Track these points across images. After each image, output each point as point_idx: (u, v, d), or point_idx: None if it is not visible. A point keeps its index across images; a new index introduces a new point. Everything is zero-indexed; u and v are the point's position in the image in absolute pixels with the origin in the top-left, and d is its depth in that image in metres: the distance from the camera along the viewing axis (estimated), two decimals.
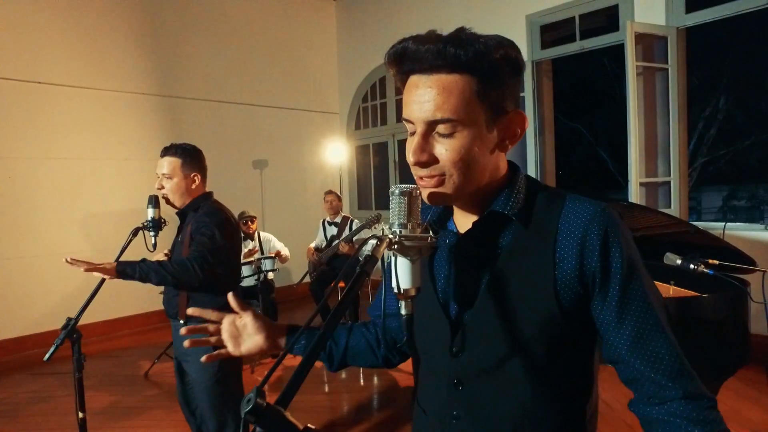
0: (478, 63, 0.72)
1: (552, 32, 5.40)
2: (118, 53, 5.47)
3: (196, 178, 2.05)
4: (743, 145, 12.76)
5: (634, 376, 0.75)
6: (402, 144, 7.02)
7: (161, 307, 6.12)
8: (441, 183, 0.75)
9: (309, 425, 0.53)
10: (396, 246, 0.69)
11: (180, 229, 2.13)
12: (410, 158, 0.75)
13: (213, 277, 1.95)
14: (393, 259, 0.70)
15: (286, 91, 6.99)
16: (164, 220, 2.07)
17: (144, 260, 1.92)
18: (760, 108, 12.64)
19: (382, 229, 0.71)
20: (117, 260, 1.93)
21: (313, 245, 4.85)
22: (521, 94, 4.69)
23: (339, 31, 7.67)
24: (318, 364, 3.52)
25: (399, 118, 6.98)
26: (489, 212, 0.80)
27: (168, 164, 2.02)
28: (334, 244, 4.65)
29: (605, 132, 14.44)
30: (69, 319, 1.84)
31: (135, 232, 2.00)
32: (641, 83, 4.28)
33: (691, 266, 2.11)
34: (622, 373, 0.77)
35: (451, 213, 0.88)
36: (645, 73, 4.33)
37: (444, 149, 0.74)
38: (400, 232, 0.69)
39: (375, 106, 7.32)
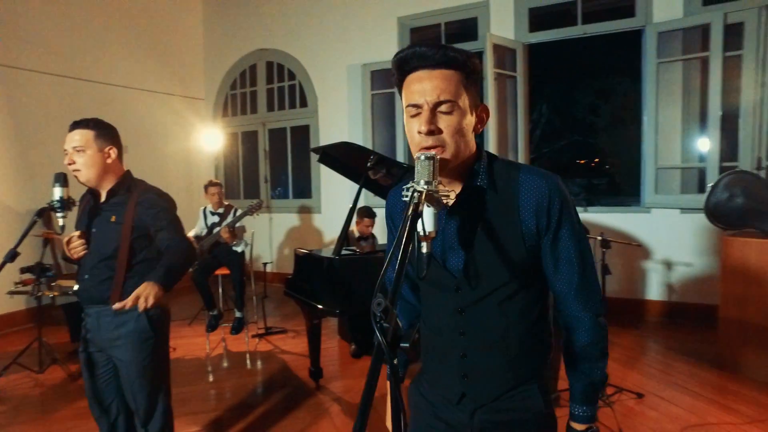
0: (466, 63, 1.00)
1: (420, 36, 5.91)
2: None
3: (111, 152, 1.92)
4: (559, 145, 15.39)
5: (557, 292, 1.10)
6: (273, 133, 7.00)
7: None
8: (442, 152, 1.00)
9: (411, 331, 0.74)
10: (426, 197, 0.89)
11: (94, 210, 1.97)
12: (423, 128, 0.98)
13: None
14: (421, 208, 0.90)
15: (146, 72, 6.46)
16: (73, 200, 1.91)
17: (167, 263, 1.85)
18: (572, 115, 15.37)
19: (413, 186, 0.91)
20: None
21: (192, 234, 4.65)
22: (392, 90, 5.08)
23: (205, 14, 7.31)
24: (201, 354, 3.54)
25: (270, 107, 6.94)
26: (471, 186, 1.07)
27: (80, 136, 1.87)
28: (215, 231, 4.52)
29: None
30: None
31: (40, 214, 1.81)
32: (495, 88, 4.98)
33: None
34: (553, 291, 1.12)
35: None
36: (498, 80, 5.05)
37: (445, 124, 0.99)
38: (427, 187, 0.90)
39: (244, 94, 7.16)
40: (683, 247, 4.64)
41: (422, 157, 0.92)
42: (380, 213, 4.81)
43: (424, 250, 0.93)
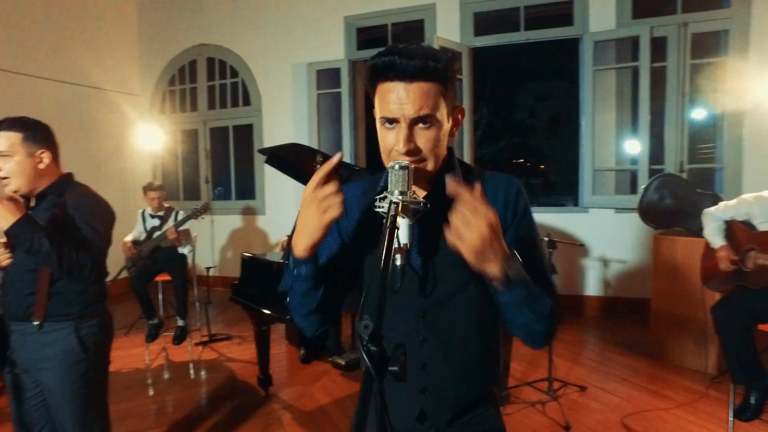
0: (446, 73, 0.96)
1: (366, 36, 5.89)
2: None
3: (43, 156, 1.73)
4: (499, 146, 15.95)
5: None
6: (214, 131, 6.75)
7: None
8: (422, 168, 0.98)
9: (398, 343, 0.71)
10: (401, 209, 0.87)
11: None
12: (401, 148, 0.94)
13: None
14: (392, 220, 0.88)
15: (76, 65, 6.00)
16: None
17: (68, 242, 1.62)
18: (512, 117, 16.00)
19: (386, 196, 0.88)
20: None
21: (129, 238, 4.36)
22: (338, 90, 5.04)
23: (140, 5, 6.90)
24: (140, 366, 3.30)
25: (211, 105, 6.67)
26: (443, 181, 1.03)
27: (5, 140, 1.66)
28: (155, 236, 4.27)
29: None
30: None
31: None
32: None
33: None
34: None
35: None
36: None
37: (424, 140, 0.96)
38: (402, 198, 0.88)
39: (184, 90, 6.84)
40: (618, 245, 4.92)
41: (396, 167, 0.89)
42: None
43: (398, 262, 0.91)
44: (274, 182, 6.23)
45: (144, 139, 6.27)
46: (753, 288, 2.66)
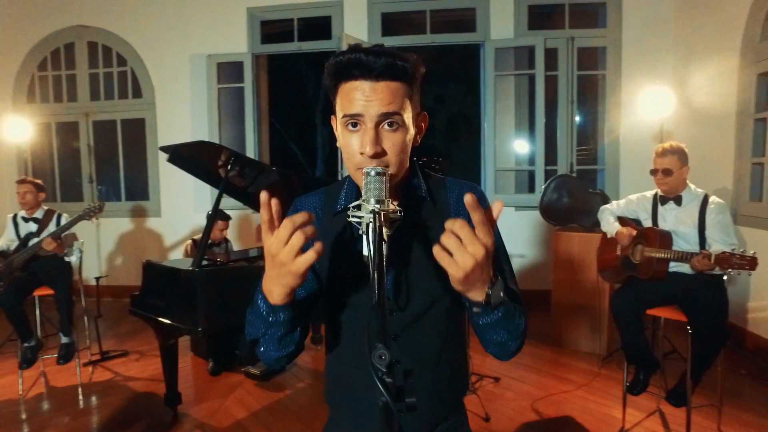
0: (413, 73, 0.92)
1: (271, 29, 5.66)
2: None
3: None
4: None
5: None
6: (98, 125, 6.07)
7: None
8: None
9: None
10: (383, 219, 0.81)
11: None
12: (369, 151, 0.88)
13: None
14: (365, 228, 0.82)
15: None
16: None
17: None
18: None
19: (360, 205, 0.82)
20: None
21: None
22: (240, 85, 4.80)
23: None
24: (12, 397, 2.90)
25: (94, 95, 5.99)
26: (411, 197, 1.02)
27: None
28: (32, 243, 3.69)
29: (296, 129, 15.67)
30: None
31: None
32: None
33: None
34: None
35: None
36: None
37: (390, 143, 0.91)
38: (379, 207, 0.82)
39: (59, 77, 6.04)
40: (519, 241, 5.25)
41: (372, 173, 0.83)
42: (233, 214, 4.48)
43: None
44: (170, 181, 5.76)
45: (6, 130, 5.43)
46: (642, 278, 2.98)
